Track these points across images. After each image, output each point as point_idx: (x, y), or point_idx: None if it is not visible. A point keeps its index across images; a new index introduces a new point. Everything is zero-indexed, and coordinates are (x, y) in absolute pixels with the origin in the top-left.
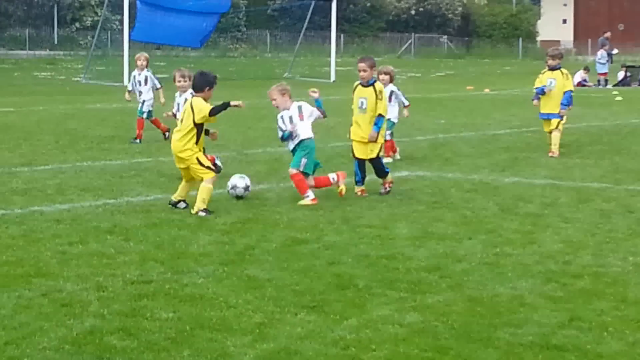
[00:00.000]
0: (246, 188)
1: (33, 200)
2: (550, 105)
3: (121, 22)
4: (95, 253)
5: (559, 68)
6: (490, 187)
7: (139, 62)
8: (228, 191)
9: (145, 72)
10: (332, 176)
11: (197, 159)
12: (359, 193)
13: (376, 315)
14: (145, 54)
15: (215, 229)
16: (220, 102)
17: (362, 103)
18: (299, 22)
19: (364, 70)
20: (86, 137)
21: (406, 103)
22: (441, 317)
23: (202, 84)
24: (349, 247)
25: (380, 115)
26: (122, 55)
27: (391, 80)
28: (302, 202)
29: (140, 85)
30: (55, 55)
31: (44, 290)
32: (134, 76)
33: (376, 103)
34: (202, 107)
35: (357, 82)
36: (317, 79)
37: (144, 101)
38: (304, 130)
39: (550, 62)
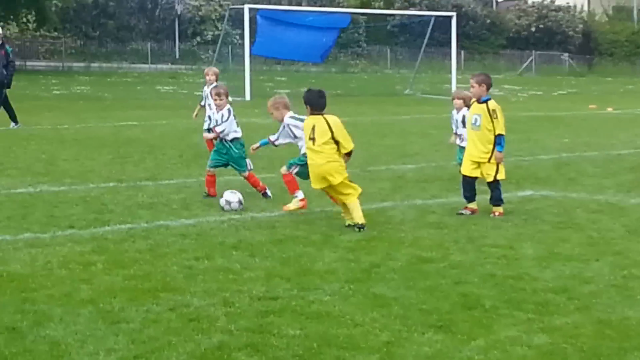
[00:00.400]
0: (240, 202)
1: (158, 214)
2: None
3: (242, 36)
4: (221, 268)
5: None
6: (617, 208)
7: (207, 77)
8: (222, 207)
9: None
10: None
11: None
12: (467, 212)
13: (504, 337)
14: (215, 69)
15: (340, 246)
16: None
17: (475, 120)
18: (419, 38)
19: (472, 87)
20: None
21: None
22: (570, 340)
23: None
24: (475, 266)
25: (499, 134)
26: (244, 70)
27: (466, 105)
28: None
29: (209, 98)
30: (177, 69)
31: (171, 305)
32: (204, 91)
33: (491, 122)
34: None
35: (474, 99)
36: (438, 96)
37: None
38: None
39: None
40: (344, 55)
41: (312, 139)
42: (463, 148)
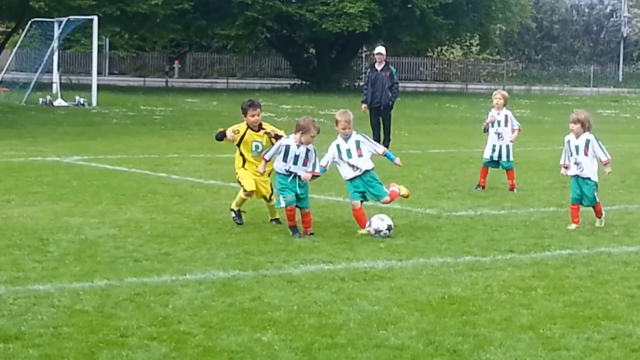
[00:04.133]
0: (389, 228)
1: (599, 240)
2: None
3: None
4: None
5: None
6: None
7: (494, 101)
8: (373, 235)
9: (504, 111)
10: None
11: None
12: None
13: None
14: (503, 92)
15: None
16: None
17: None
18: None
19: None
20: None
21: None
22: None
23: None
24: None
25: None
26: None
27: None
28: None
29: (499, 125)
30: (620, 93)
31: (613, 334)
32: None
33: None
34: None
35: None
36: None
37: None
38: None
39: None
40: None
41: None
42: (579, 177)
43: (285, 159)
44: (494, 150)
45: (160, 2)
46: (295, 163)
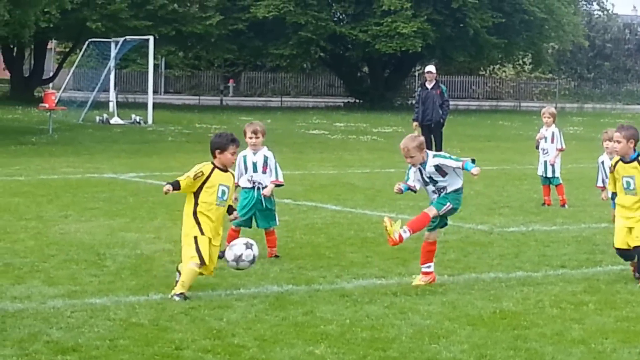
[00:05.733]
0: (252, 261)
1: None
2: None
3: None
4: None
5: None
6: None
7: (543, 119)
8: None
9: (552, 128)
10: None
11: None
12: None
13: None
14: (551, 109)
15: None
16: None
17: (628, 183)
18: None
19: (617, 142)
20: None
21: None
22: None
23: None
24: None
25: None
26: None
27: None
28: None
29: (545, 142)
30: None
31: None
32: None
33: None
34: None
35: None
36: None
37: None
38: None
39: None
40: None
41: None
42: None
43: (246, 171)
44: (544, 166)
45: (215, 23)
46: (255, 171)
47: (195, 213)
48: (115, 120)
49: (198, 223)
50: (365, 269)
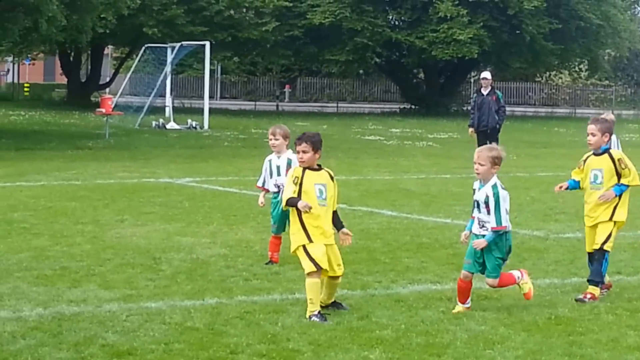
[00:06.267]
0: None
1: None
2: None
3: None
4: None
5: None
6: None
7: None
8: None
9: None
10: (517, 273)
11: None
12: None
13: None
14: (609, 116)
15: None
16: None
17: (595, 176)
18: None
19: (592, 134)
20: None
21: None
22: None
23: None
24: None
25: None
26: None
27: None
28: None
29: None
30: None
31: None
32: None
33: (617, 175)
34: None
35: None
36: None
37: None
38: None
39: None
40: None
41: None
42: None
43: (271, 175)
44: None
45: (271, 29)
46: (279, 174)
47: (301, 221)
48: (172, 125)
49: (305, 230)
50: (420, 274)
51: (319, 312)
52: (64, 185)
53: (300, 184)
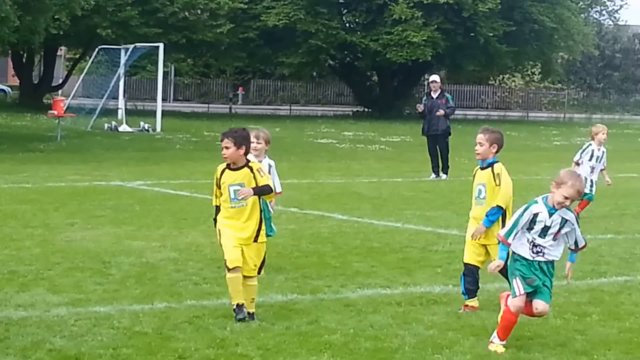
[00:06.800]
0: None
1: None
2: None
3: None
4: None
5: None
6: None
7: (603, 136)
8: None
9: (603, 148)
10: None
11: None
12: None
13: None
14: (600, 127)
15: None
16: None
17: (479, 191)
18: None
19: (480, 144)
20: None
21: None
22: None
23: None
24: None
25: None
26: None
27: None
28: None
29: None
30: None
31: None
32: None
33: (493, 189)
34: None
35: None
36: None
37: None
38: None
39: None
40: None
41: None
42: None
43: None
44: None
45: (226, 31)
46: None
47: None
48: (124, 127)
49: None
50: (370, 278)
51: (238, 304)
52: (14, 188)
53: (220, 185)
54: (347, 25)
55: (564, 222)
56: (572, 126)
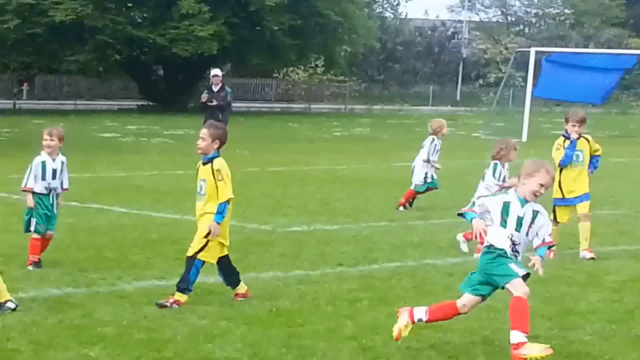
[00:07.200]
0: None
1: (426, 253)
2: None
3: (524, 78)
4: (484, 307)
5: None
6: None
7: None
8: None
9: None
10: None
11: None
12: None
13: None
14: (442, 121)
15: (604, 287)
16: None
17: (201, 187)
18: None
19: (203, 139)
20: None
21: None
22: None
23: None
24: None
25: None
26: (523, 112)
27: None
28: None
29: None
30: (456, 111)
31: (432, 342)
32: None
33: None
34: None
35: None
36: None
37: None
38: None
39: None
40: (625, 96)
41: None
42: None
43: (43, 177)
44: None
45: (13, 27)
46: (53, 178)
47: None
48: None
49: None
50: (146, 270)
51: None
52: None
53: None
54: (135, 20)
55: (536, 213)
56: (353, 117)
